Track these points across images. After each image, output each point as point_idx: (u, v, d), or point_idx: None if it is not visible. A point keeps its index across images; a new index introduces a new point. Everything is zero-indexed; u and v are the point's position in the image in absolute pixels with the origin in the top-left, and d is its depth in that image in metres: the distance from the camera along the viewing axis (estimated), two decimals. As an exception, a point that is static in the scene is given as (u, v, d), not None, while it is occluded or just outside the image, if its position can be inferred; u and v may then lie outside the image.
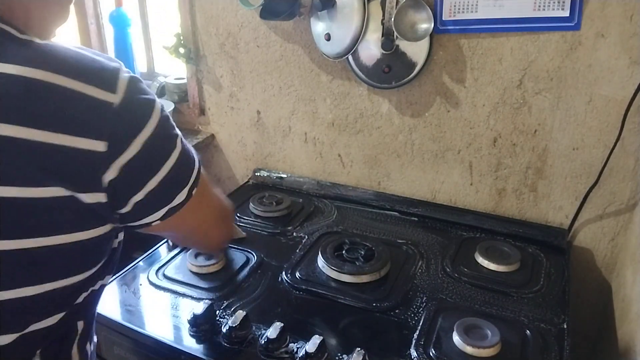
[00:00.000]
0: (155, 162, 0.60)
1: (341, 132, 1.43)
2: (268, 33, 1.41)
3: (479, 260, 1.13)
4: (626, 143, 1.13)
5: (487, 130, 1.26)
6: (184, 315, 0.94)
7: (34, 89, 0.51)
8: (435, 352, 0.87)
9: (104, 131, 0.54)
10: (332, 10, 1.25)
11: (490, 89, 1.21)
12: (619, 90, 1.10)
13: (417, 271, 1.11)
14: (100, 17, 1.81)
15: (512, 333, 0.91)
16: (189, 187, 0.66)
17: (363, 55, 1.28)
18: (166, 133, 0.61)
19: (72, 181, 0.54)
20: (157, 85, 1.68)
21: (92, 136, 0.53)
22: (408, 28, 1.19)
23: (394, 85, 1.28)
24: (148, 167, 0.59)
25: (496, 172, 1.29)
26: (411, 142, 1.35)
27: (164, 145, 0.61)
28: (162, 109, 0.61)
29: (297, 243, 1.21)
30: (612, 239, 1.23)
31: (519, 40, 1.15)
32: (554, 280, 1.09)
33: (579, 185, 1.21)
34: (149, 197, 0.61)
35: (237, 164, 1.64)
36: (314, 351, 0.83)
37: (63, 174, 0.53)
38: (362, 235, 1.24)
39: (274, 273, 1.09)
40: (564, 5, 1.07)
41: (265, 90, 1.48)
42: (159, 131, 0.59)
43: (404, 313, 0.98)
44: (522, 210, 1.30)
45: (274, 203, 1.35)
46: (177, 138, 0.64)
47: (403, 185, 1.41)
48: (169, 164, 0.61)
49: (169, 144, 0.62)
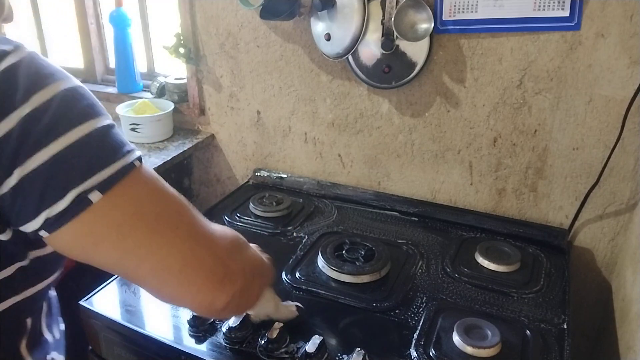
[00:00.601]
0: (41, 135, 0.48)
1: (341, 132, 1.43)
2: (268, 33, 1.41)
3: (479, 261, 1.13)
4: (626, 143, 1.13)
5: (487, 130, 1.26)
6: (184, 315, 0.94)
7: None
8: (436, 353, 0.87)
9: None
10: (332, 10, 1.25)
11: (490, 89, 1.21)
12: (619, 90, 1.10)
13: (417, 271, 1.11)
14: (100, 17, 1.81)
15: (512, 333, 0.91)
16: (88, 187, 0.49)
17: (363, 55, 1.28)
18: (68, 109, 0.50)
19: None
20: (157, 85, 1.68)
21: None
22: (408, 28, 1.19)
23: (394, 85, 1.28)
24: (30, 142, 0.48)
25: (496, 172, 1.29)
26: (411, 142, 1.35)
27: (59, 120, 0.49)
28: (69, 86, 0.52)
29: (297, 243, 1.21)
30: (612, 239, 1.23)
31: (519, 40, 1.15)
32: (554, 280, 1.09)
33: (579, 185, 1.21)
34: (23, 184, 0.48)
35: (237, 164, 1.64)
36: (314, 351, 0.83)
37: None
38: (362, 235, 1.24)
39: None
40: (564, 5, 1.07)
41: (265, 90, 1.48)
42: (52, 104, 0.49)
43: (404, 313, 0.98)
44: (522, 210, 1.30)
45: (274, 203, 1.35)
46: (90, 118, 0.51)
47: (403, 185, 1.41)
48: (60, 143, 0.49)
49: (68, 120, 0.50)
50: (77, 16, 1.78)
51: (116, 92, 1.75)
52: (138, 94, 1.73)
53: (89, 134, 0.50)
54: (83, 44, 1.82)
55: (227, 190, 1.66)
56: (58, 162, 0.49)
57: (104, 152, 0.51)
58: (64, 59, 1.95)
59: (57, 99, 0.50)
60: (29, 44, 0.61)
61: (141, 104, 1.59)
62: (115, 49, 1.70)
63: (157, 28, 1.75)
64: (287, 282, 1.05)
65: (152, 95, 1.70)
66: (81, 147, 0.50)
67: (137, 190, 0.53)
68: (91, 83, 1.85)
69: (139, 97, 1.69)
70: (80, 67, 1.87)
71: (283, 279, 1.06)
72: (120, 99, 1.69)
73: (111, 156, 0.52)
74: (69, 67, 1.90)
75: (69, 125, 0.50)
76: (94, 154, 0.51)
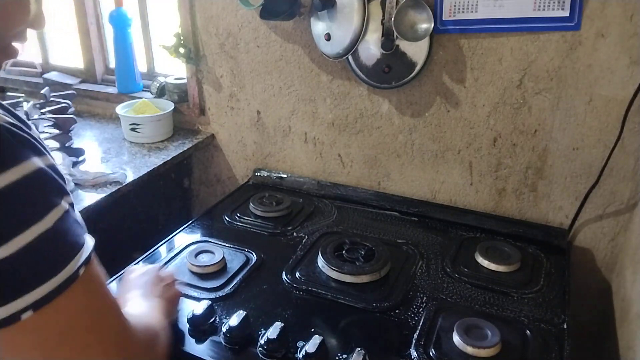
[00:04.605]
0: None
1: (341, 132, 1.43)
2: (268, 33, 1.41)
3: (479, 260, 1.13)
4: (626, 143, 1.13)
5: (487, 130, 1.26)
6: (184, 315, 0.94)
7: None
8: (436, 352, 0.87)
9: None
10: (332, 10, 1.25)
11: (490, 89, 1.21)
12: (619, 90, 1.10)
13: (417, 271, 1.11)
14: (100, 17, 1.81)
15: (512, 333, 0.91)
16: (20, 307, 0.44)
17: (363, 55, 1.28)
18: (14, 208, 0.44)
19: None
20: (157, 85, 1.68)
21: None
22: (408, 28, 1.19)
23: (394, 85, 1.28)
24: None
25: (496, 172, 1.29)
26: (411, 142, 1.35)
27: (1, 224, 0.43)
28: (19, 176, 0.44)
29: (297, 243, 1.21)
30: (612, 239, 1.23)
31: (519, 40, 1.15)
32: (554, 280, 1.09)
33: (579, 185, 1.21)
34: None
35: (237, 164, 1.64)
36: (314, 351, 0.83)
37: None
38: (362, 235, 1.24)
39: (274, 273, 1.09)
40: (564, 5, 1.07)
41: (265, 90, 1.48)
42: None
43: (404, 313, 0.98)
44: (522, 210, 1.30)
45: (274, 203, 1.35)
46: (39, 218, 0.45)
47: (403, 185, 1.41)
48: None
49: (12, 223, 0.44)
50: (77, 16, 1.78)
51: (116, 92, 1.75)
52: (138, 94, 1.73)
53: (32, 243, 0.44)
54: (83, 44, 1.82)
55: (227, 190, 1.66)
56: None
57: (46, 263, 0.46)
58: (64, 59, 1.95)
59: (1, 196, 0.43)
60: (29, 44, 0.57)
61: (141, 104, 1.59)
62: (115, 49, 1.70)
63: (157, 28, 1.75)
64: (287, 282, 1.05)
65: (152, 95, 1.70)
66: (20, 259, 0.44)
67: (72, 304, 0.48)
68: (91, 83, 1.85)
69: (139, 97, 1.69)
70: (80, 67, 1.87)
71: (283, 279, 1.06)
72: (120, 99, 1.69)
73: (52, 269, 0.46)
74: (69, 67, 1.91)
75: (10, 234, 0.43)
76: (33, 267, 0.45)
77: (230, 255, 1.14)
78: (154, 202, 1.57)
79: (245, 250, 1.16)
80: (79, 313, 0.49)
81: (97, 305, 0.52)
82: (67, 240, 0.48)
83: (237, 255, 1.14)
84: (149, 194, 1.50)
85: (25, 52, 2.06)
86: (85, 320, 0.50)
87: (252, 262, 1.12)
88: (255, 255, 1.14)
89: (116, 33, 1.67)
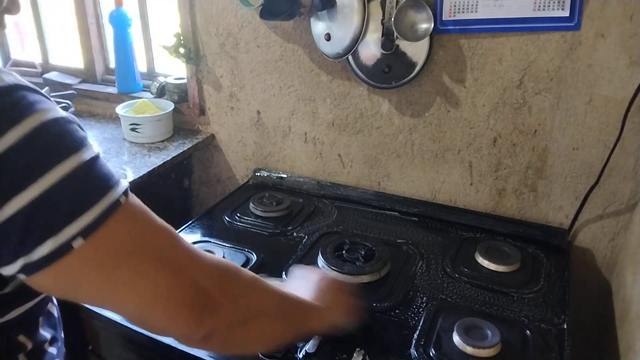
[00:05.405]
0: (18, 178, 0.45)
1: (341, 132, 1.43)
2: (268, 33, 1.41)
3: (479, 260, 1.13)
4: (626, 143, 1.13)
5: (487, 130, 1.26)
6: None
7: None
8: (436, 353, 0.87)
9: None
10: (332, 10, 1.25)
11: (490, 89, 1.21)
12: (619, 90, 1.10)
13: (417, 271, 1.11)
14: (100, 17, 1.81)
15: (512, 333, 0.91)
16: (70, 235, 0.47)
17: (363, 55, 1.28)
18: (48, 145, 0.47)
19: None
20: (157, 85, 1.68)
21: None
22: (408, 28, 1.19)
23: (394, 85, 1.28)
24: (6, 186, 0.45)
25: (496, 172, 1.29)
26: (411, 142, 1.35)
27: (38, 159, 0.46)
28: (49, 118, 0.48)
29: (297, 243, 1.21)
30: (612, 239, 1.23)
31: (519, 40, 1.15)
32: (554, 280, 1.09)
33: (579, 185, 1.21)
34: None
35: (237, 164, 1.64)
36: (314, 351, 0.83)
37: None
38: (362, 235, 1.24)
39: (274, 273, 1.09)
40: (564, 5, 1.07)
41: (265, 90, 1.48)
42: (30, 141, 0.46)
43: (404, 313, 0.98)
44: (522, 210, 1.30)
45: (274, 203, 1.35)
46: (73, 153, 0.48)
47: (403, 185, 1.41)
48: (40, 185, 0.45)
49: (48, 158, 0.46)
50: (77, 16, 1.78)
51: (116, 92, 1.75)
52: (138, 94, 1.73)
53: (71, 173, 0.47)
54: (83, 44, 1.82)
55: (227, 190, 1.66)
56: (37, 208, 0.45)
57: (87, 192, 0.48)
58: (64, 59, 1.95)
59: (35, 134, 0.46)
60: (29, 44, 0.59)
61: (141, 104, 1.59)
62: (115, 49, 1.70)
63: (157, 28, 1.75)
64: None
65: (152, 95, 1.70)
66: (62, 188, 0.46)
67: (120, 229, 0.51)
68: (91, 83, 1.85)
69: (139, 97, 1.69)
70: (80, 67, 1.87)
71: (283, 279, 1.06)
72: (120, 99, 1.69)
73: (94, 196, 0.49)
74: (69, 67, 1.91)
75: (50, 164, 0.46)
76: (76, 196, 0.47)
77: (231, 255, 1.14)
78: (154, 202, 1.55)
79: (245, 251, 1.16)
80: (129, 237, 0.51)
81: (146, 230, 0.54)
82: (104, 172, 0.51)
83: (237, 255, 1.14)
84: (149, 194, 1.50)
85: (26, 52, 2.06)
86: (135, 243, 0.52)
87: (253, 262, 1.12)
88: (255, 255, 1.14)
89: (116, 33, 1.67)
